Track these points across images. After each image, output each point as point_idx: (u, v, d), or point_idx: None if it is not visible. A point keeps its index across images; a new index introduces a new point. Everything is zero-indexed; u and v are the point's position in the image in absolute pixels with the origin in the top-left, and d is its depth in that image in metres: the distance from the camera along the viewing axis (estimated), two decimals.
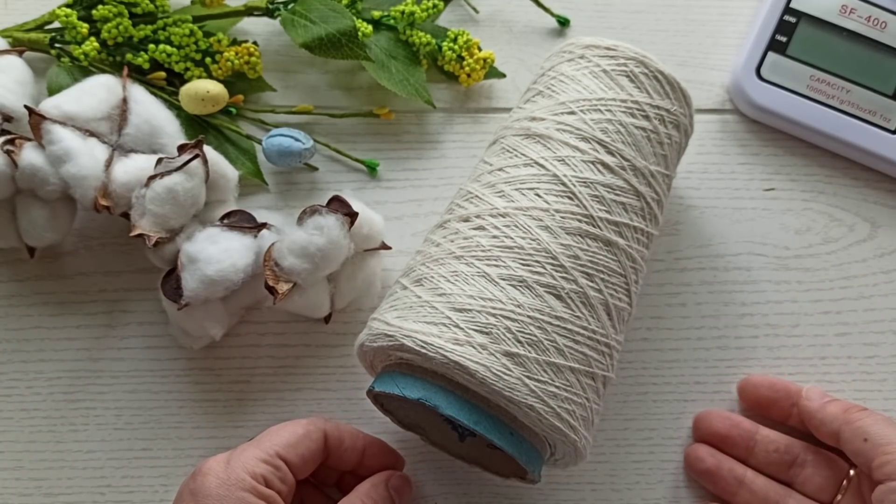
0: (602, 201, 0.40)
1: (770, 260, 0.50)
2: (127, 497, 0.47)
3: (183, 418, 0.47)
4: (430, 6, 0.50)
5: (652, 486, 0.47)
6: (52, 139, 0.44)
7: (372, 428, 0.46)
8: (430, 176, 0.51)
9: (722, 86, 0.53)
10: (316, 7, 0.48)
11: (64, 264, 0.49)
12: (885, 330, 0.49)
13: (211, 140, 0.50)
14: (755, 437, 0.46)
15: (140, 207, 0.43)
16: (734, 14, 0.54)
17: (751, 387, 0.47)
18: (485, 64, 0.51)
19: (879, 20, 0.51)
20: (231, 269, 0.43)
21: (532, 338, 0.37)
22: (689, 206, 0.51)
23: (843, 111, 0.51)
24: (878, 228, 0.51)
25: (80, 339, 0.48)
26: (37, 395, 0.48)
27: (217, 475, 0.38)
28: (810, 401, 0.45)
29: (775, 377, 0.48)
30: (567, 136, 0.41)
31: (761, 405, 0.47)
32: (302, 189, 0.51)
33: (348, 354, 0.48)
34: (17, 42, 0.50)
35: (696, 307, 0.49)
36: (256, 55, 0.50)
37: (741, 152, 0.52)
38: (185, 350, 0.48)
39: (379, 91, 0.52)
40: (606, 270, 0.40)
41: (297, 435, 0.40)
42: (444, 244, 0.41)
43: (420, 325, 0.38)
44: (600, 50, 0.43)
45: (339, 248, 0.43)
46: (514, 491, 0.47)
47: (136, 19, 0.50)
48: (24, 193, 0.45)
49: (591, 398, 0.39)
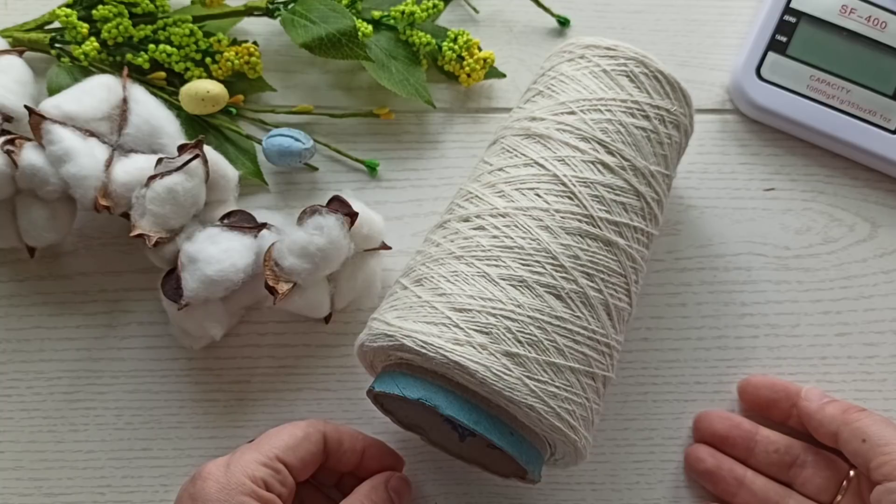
0: (602, 201, 0.40)
1: (770, 260, 0.50)
2: (127, 497, 0.47)
3: (183, 418, 0.47)
4: (430, 6, 0.50)
5: (652, 486, 0.47)
6: (52, 139, 0.44)
7: (372, 428, 0.46)
8: (430, 176, 0.51)
9: (722, 86, 0.53)
10: (316, 7, 0.48)
11: (64, 264, 0.49)
12: (885, 330, 0.49)
13: (211, 140, 0.50)
14: (755, 437, 0.46)
15: (140, 207, 0.43)
16: (734, 14, 0.54)
17: (751, 387, 0.47)
18: (485, 64, 0.51)
19: (879, 20, 0.51)
20: (231, 269, 0.43)
21: (532, 338, 0.37)
22: (689, 206, 0.51)
23: (843, 111, 0.51)
24: (878, 228, 0.51)
25: (80, 339, 0.48)
26: (37, 394, 0.48)
27: (217, 480, 0.38)
28: (809, 402, 0.45)
29: (775, 378, 0.48)
30: (567, 136, 0.41)
31: (761, 406, 0.47)
32: (302, 189, 0.51)
33: (348, 354, 0.48)
34: (17, 42, 0.50)
35: (696, 307, 0.49)
36: (256, 55, 0.50)
37: (741, 152, 0.52)
38: (185, 350, 0.48)
39: (379, 91, 0.52)
40: (606, 270, 0.40)
41: (296, 437, 0.40)
42: (444, 244, 0.41)
43: (420, 325, 0.38)
44: (600, 50, 0.43)
45: (339, 248, 0.43)
46: (514, 491, 0.47)
47: (136, 19, 0.50)
48: (24, 193, 0.45)
49: (591, 398, 0.39)
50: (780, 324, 0.49)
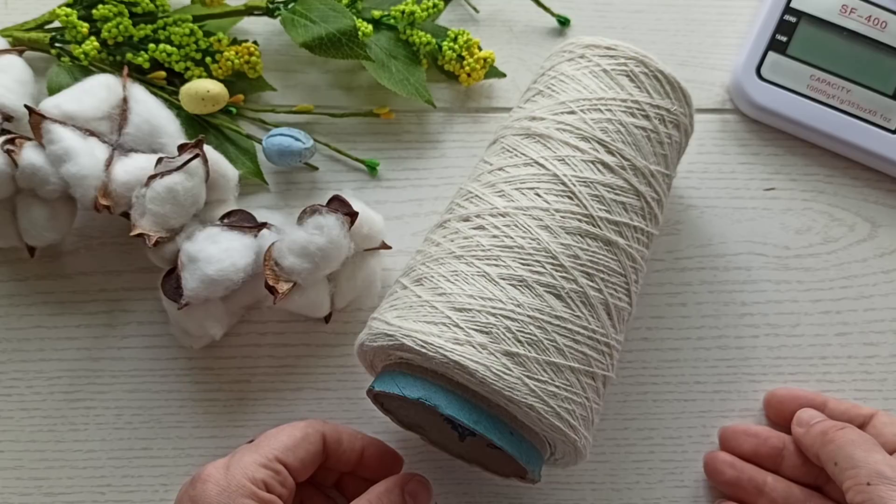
0: (602, 201, 0.40)
1: (770, 260, 0.50)
2: (127, 497, 0.47)
3: (183, 418, 0.47)
4: (430, 6, 0.50)
5: (652, 486, 0.47)
6: (52, 139, 0.44)
7: (372, 428, 0.46)
8: (430, 175, 0.51)
9: (722, 85, 0.53)
10: (316, 6, 0.48)
11: (64, 264, 0.49)
12: (885, 330, 0.49)
13: (211, 140, 0.50)
14: (783, 452, 0.45)
15: (140, 207, 0.43)
16: (734, 14, 0.54)
17: (776, 401, 0.47)
18: (485, 63, 0.51)
19: (880, 20, 0.51)
20: (231, 269, 0.43)
21: (532, 337, 0.37)
22: (689, 206, 0.51)
23: (843, 111, 0.51)
24: (878, 228, 0.51)
25: (80, 338, 0.48)
26: (37, 394, 0.48)
27: (217, 482, 0.38)
28: (799, 426, 0.45)
29: (798, 389, 0.47)
30: (567, 136, 0.41)
31: (787, 419, 0.46)
32: (302, 189, 0.51)
33: (348, 354, 0.48)
34: (17, 41, 0.50)
35: (696, 307, 0.49)
36: (256, 55, 0.50)
37: (741, 152, 0.52)
38: (185, 350, 0.48)
39: (379, 91, 0.52)
40: (606, 270, 0.40)
41: (295, 438, 0.40)
42: (444, 244, 0.41)
43: (420, 324, 0.38)
44: (600, 49, 0.43)
45: (339, 248, 0.43)
46: (514, 491, 0.47)
47: (136, 19, 0.50)
48: (24, 193, 0.45)
49: (591, 398, 0.39)
50: (780, 324, 0.49)
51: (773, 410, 0.47)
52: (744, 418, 0.48)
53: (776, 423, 0.47)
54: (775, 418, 0.47)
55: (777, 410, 0.47)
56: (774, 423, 0.48)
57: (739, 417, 0.48)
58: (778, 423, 0.47)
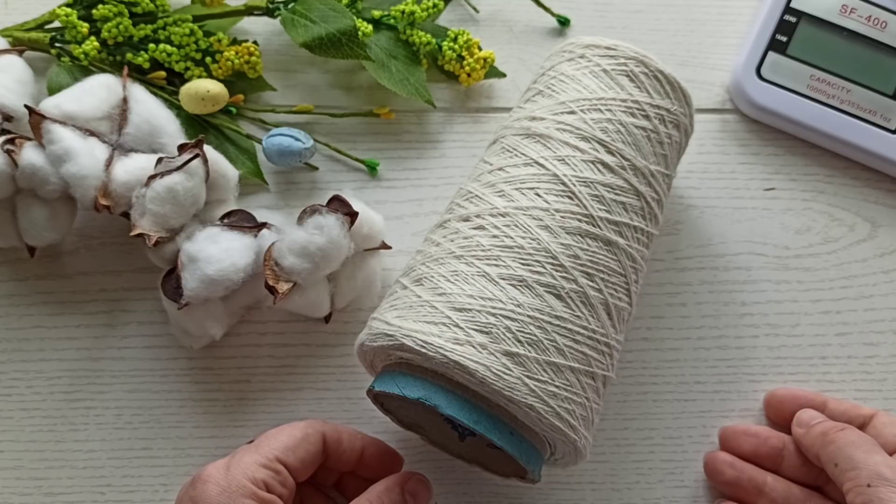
0: (602, 201, 0.40)
1: (770, 260, 0.50)
2: (127, 497, 0.47)
3: (183, 418, 0.47)
4: (430, 6, 0.50)
5: (652, 486, 0.47)
6: (52, 139, 0.44)
7: (372, 428, 0.46)
8: (430, 175, 0.51)
9: (722, 85, 0.53)
10: (316, 6, 0.48)
11: (64, 264, 0.49)
12: (885, 330, 0.49)
13: (211, 139, 0.50)
14: (782, 452, 0.45)
15: (140, 207, 0.43)
16: (734, 14, 0.54)
17: (776, 401, 0.47)
18: (485, 63, 0.51)
19: (879, 20, 0.51)
20: (231, 269, 0.43)
21: (532, 337, 0.37)
22: (689, 206, 0.51)
23: (843, 111, 0.51)
24: (878, 228, 0.51)
25: (80, 338, 0.48)
26: (37, 394, 0.48)
27: (217, 482, 0.38)
28: (799, 426, 0.45)
29: (799, 389, 0.47)
30: (567, 136, 0.41)
31: (787, 420, 0.47)
32: (302, 189, 0.51)
33: (348, 354, 0.48)
34: (17, 41, 0.50)
35: (696, 307, 0.49)
36: (256, 55, 0.50)
37: (741, 152, 0.52)
38: (185, 350, 0.48)
39: (379, 91, 0.52)
40: (606, 270, 0.40)
41: (295, 438, 0.40)
42: (444, 244, 0.41)
43: (420, 324, 0.38)
44: (600, 49, 0.43)
45: (339, 248, 0.43)
46: (514, 491, 0.47)
47: (136, 19, 0.50)
48: (24, 193, 0.45)
49: (591, 398, 0.39)
50: (780, 324, 0.49)
51: (773, 410, 0.47)
52: (744, 418, 0.48)
53: (776, 424, 0.48)
54: (775, 418, 0.47)
55: (777, 410, 0.47)
56: (774, 423, 0.48)
57: (739, 417, 0.48)
58: (778, 423, 0.47)
